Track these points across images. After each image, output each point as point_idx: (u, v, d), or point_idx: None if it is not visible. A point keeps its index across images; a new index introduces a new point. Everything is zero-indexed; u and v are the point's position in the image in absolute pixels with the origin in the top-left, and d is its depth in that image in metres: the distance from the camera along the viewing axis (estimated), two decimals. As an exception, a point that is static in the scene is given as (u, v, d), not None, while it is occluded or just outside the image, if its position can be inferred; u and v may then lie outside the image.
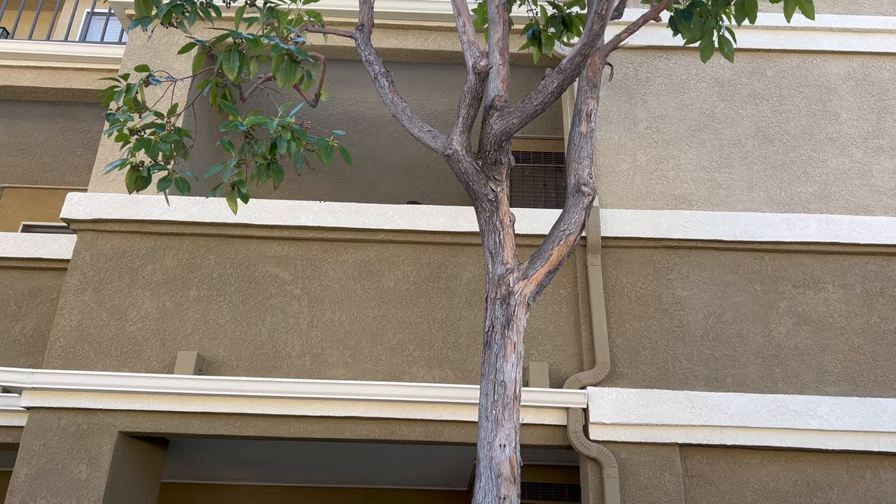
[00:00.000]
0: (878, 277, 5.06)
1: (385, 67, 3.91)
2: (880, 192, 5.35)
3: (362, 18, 4.09)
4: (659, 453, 4.52)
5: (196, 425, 4.61)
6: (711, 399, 4.61)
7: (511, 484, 2.99)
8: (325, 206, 5.22)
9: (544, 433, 4.61)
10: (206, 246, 5.18)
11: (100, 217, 5.13)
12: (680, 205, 5.30)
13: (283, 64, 3.55)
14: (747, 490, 4.49)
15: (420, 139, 3.65)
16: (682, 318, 4.94)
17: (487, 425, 3.11)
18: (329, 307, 5.02)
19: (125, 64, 5.80)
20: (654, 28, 5.80)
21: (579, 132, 3.65)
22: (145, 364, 4.81)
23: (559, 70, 3.37)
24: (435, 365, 4.86)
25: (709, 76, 5.78)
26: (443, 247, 5.21)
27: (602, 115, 5.60)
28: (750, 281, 5.06)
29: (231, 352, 4.87)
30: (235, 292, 5.04)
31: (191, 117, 5.43)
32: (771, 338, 4.89)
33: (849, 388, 4.74)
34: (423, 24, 5.94)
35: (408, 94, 6.49)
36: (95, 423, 4.59)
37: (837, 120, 5.63)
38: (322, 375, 4.81)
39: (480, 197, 3.50)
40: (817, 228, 5.13)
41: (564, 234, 3.43)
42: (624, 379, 4.76)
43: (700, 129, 5.58)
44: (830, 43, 5.87)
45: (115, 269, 5.08)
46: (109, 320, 4.93)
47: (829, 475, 4.52)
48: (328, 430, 4.61)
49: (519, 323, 3.28)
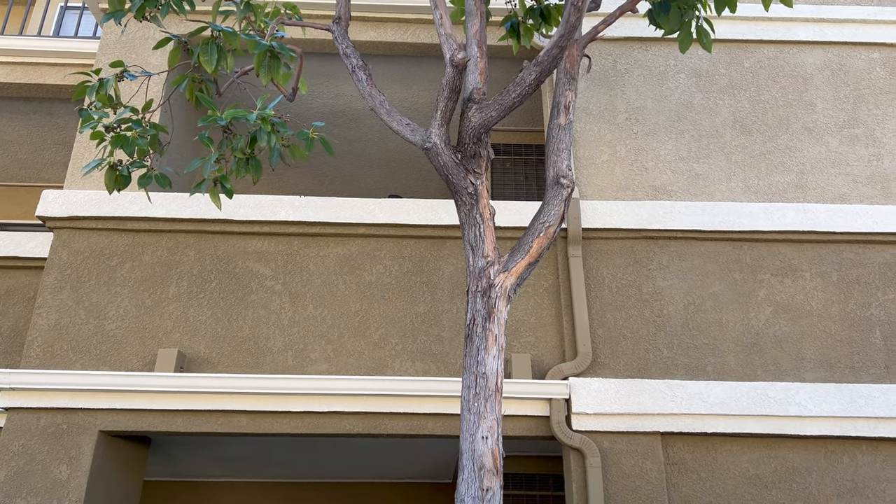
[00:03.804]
0: (854, 265, 5.12)
1: (362, 60, 3.89)
2: (856, 181, 5.41)
3: (339, 11, 4.07)
4: (641, 442, 4.56)
5: (178, 423, 4.58)
6: (692, 388, 4.65)
7: (494, 475, 3.01)
8: (305, 201, 5.19)
9: (527, 424, 4.64)
10: (186, 242, 5.13)
11: (76, 214, 5.06)
12: (659, 195, 5.33)
13: (266, 60, 3.52)
14: (728, 477, 4.55)
15: (398, 132, 3.64)
16: (662, 307, 4.98)
17: (470, 417, 3.12)
18: (311, 302, 5.00)
19: (100, 59, 5.71)
20: (632, 19, 5.81)
21: (558, 124, 3.65)
22: (125, 362, 4.77)
23: (536, 62, 3.38)
24: (418, 358, 4.86)
25: (687, 67, 5.81)
26: (424, 240, 5.21)
27: (582, 107, 5.61)
28: (729, 270, 5.10)
29: (212, 349, 4.84)
30: (216, 289, 5.01)
31: (167, 113, 5.37)
32: (750, 326, 4.94)
33: (826, 374, 4.80)
34: (402, 17, 5.91)
35: (387, 86, 6.46)
36: (75, 422, 4.55)
37: (814, 110, 5.68)
38: (304, 371, 4.79)
39: (460, 190, 3.50)
40: (794, 217, 5.19)
41: (544, 227, 3.44)
42: (605, 369, 4.79)
43: (679, 120, 5.61)
44: (806, 33, 5.91)
45: (93, 266, 5.02)
46: (88, 319, 4.87)
47: (808, 460, 4.59)
48: (311, 426, 4.60)
49: (500, 315, 3.29)
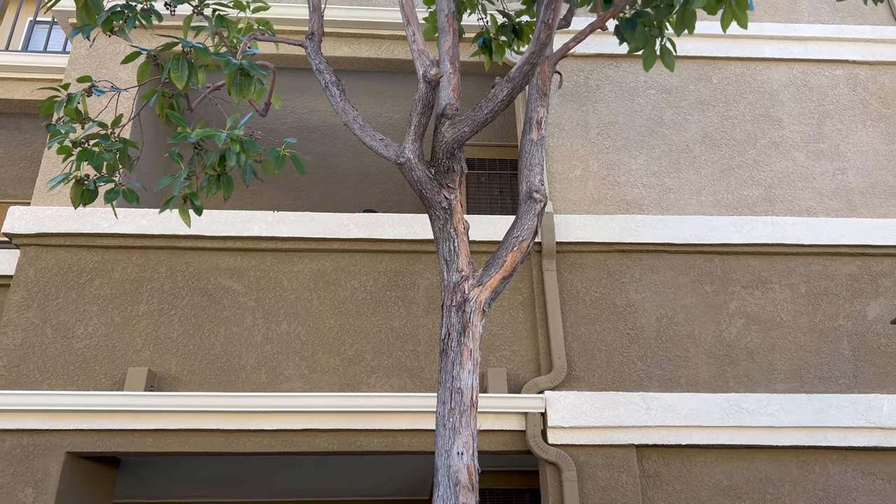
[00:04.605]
0: (822, 277, 5.22)
1: (336, 76, 3.88)
2: (822, 194, 5.53)
3: (312, 27, 4.07)
4: (616, 455, 4.58)
5: (148, 443, 4.50)
6: (666, 400, 4.69)
7: (469, 491, 2.99)
8: (278, 216, 5.16)
9: (503, 439, 4.63)
10: (157, 259, 5.06)
11: (44, 231, 4.98)
12: (631, 209, 5.39)
13: (237, 79, 3.50)
14: (702, 488, 4.58)
15: (372, 148, 3.64)
16: (635, 320, 5.02)
17: (445, 433, 3.10)
18: (284, 318, 4.95)
19: (69, 73, 5.65)
20: (602, 37, 5.90)
21: (530, 140, 3.68)
22: (94, 381, 4.68)
23: (508, 78, 3.40)
24: (393, 374, 4.84)
25: (657, 83, 5.91)
26: (399, 255, 5.20)
27: (554, 123, 5.67)
28: (700, 283, 5.17)
29: (184, 367, 4.77)
30: (187, 306, 4.94)
31: (137, 128, 5.31)
32: (722, 338, 5.00)
33: (797, 385, 4.87)
34: (376, 33, 5.93)
35: (361, 102, 6.47)
36: (41, 444, 4.44)
37: (780, 125, 5.80)
38: (278, 388, 4.74)
39: (434, 205, 3.50)
40: (763, 230, 5.28)
41: (518, 241, 3.45)
42: (581, 382, 4.81)
43: (649, 135, 5.69)
44: (772, 50, 6.05)
45: (61, 284, 4.93)
46: (55, 337, 4.77)
47: (781, 470, 4.64)
48: (285, 444, 4.54)
49: (475, 330, 3.29)
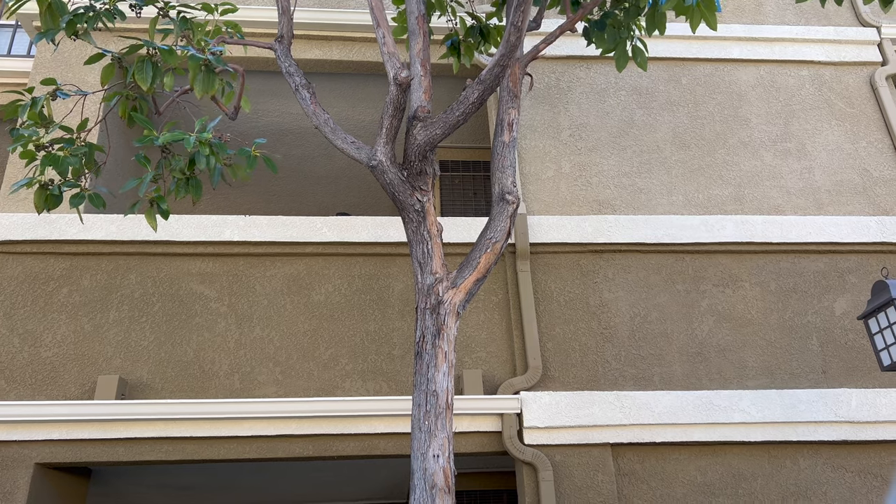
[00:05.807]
0: (791, 274, 5.31)
1: (306, 79, 3.86)
2: (790, 193, 5.62)
3: (282, 30, 4.04)
4: (592, 454, 4.60)
5: (120, 452, 4.43)
6: (640, 398, 4.73)
7: (445, 494, 2.99)
8: (250, 220, 5.11)
9: (480, 440, 4.63)
10: (127, 265, 4.99)
11: (9, 238, 4.88)
12: (604, 210, 5.43)
13: (201, 74, 3.46)
14: (677, 485, 4.62)
15: (344, 151, 3.63)
16: (609, 319, 5.06)
17: (420, 436, 3.09)
18: (258, 324, 4.91)
19: (34, 77, 5.54)
20: (573, 38, 5.95)
21: (502, 141, 3.69)
22: (63, 391, 4.59)
23: (479, 81, 3.41)
24: (369, 378, 4.82)
25: (627, 85, 5.96)
26: (373, 258, 5.18)
27: (527, 124, 5.69)
28: (672, 282, 5.22)
29: (155, 374, 4.70)
30: (158, 312, 4.87)
31: (104, 132, 5.22)
32: (694, 336, 5.06)
33: (768, 381, 4.95)
34: (347, 35, 5.91)
35: (333, 104, 6.44)
36: (9, 456, 4.35)
37: (748, 125, 5.89)
38: (252, 394, 4.69)
39: (407, 207, 3.50)
40: (733, 229, 5.35)
41: (491, 243, 3.46)
42: (556, 382, 4.83)
43: (621, 136, 5.74)
44: (739, 51, 6.15)
45: (28, 292, 4.83)
46: (22, 346, 4.68)
47: (753, 466, 4.70)
48: (260, 451, 4.50)
49: (449, 332, 3.29)
